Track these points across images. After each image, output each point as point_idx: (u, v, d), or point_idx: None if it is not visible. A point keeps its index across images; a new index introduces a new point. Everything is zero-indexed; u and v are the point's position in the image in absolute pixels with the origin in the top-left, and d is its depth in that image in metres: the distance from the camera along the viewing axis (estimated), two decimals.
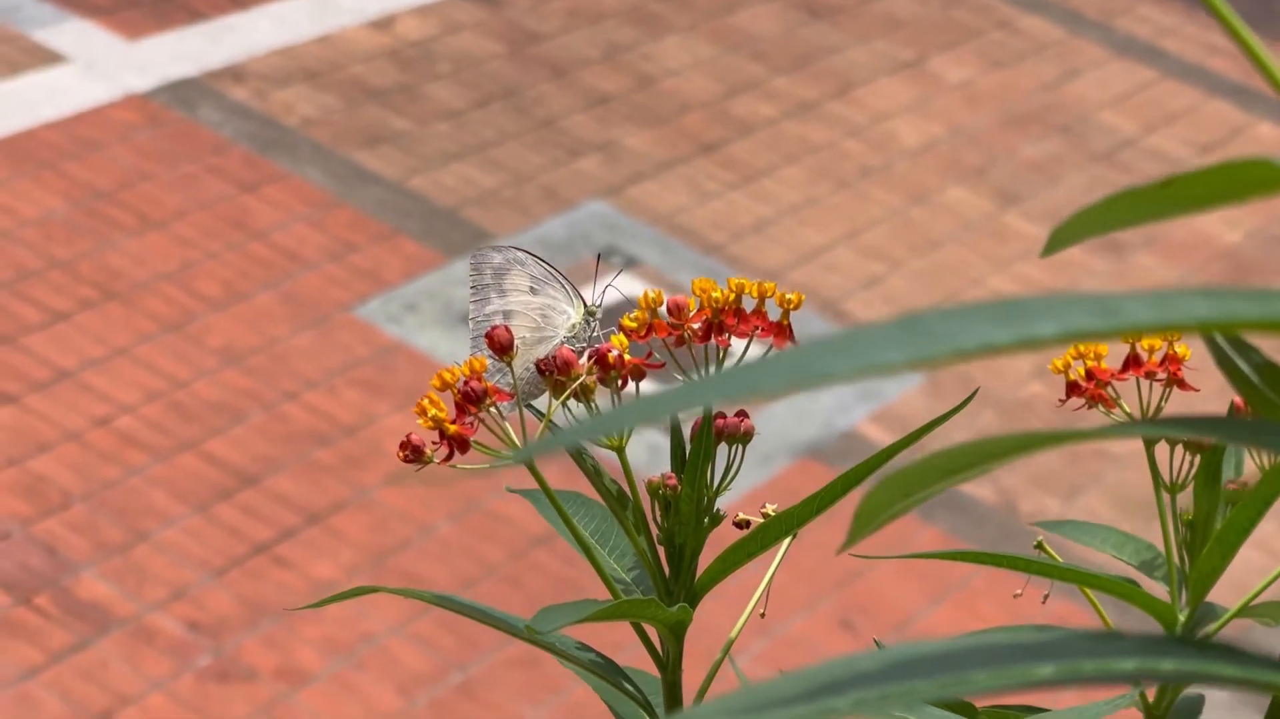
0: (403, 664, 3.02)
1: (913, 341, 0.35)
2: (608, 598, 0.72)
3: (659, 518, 0.74)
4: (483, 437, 0.73)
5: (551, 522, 0.74)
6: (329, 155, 4.12)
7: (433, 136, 4.27)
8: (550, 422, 0.72)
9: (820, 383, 0.35)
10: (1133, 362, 0.85)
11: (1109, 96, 5.03)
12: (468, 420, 0.71)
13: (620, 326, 0.75)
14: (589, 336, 0.82)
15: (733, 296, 0.74)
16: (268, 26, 4.50)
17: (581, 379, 0.72)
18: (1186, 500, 0.83)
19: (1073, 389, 0.86)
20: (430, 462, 0.72)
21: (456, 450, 0.71)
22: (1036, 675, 0.41)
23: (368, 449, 3.39)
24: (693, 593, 0.73)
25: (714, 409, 0.73)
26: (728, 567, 0.73)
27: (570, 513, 0.74)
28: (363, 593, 0.73)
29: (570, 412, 0.73)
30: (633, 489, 0.73)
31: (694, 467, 0.73)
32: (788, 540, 0.73)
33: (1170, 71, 5.22)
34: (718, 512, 0.74)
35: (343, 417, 3.46)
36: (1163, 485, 0.83)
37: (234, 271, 3.76)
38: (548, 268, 0.84)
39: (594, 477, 0.72)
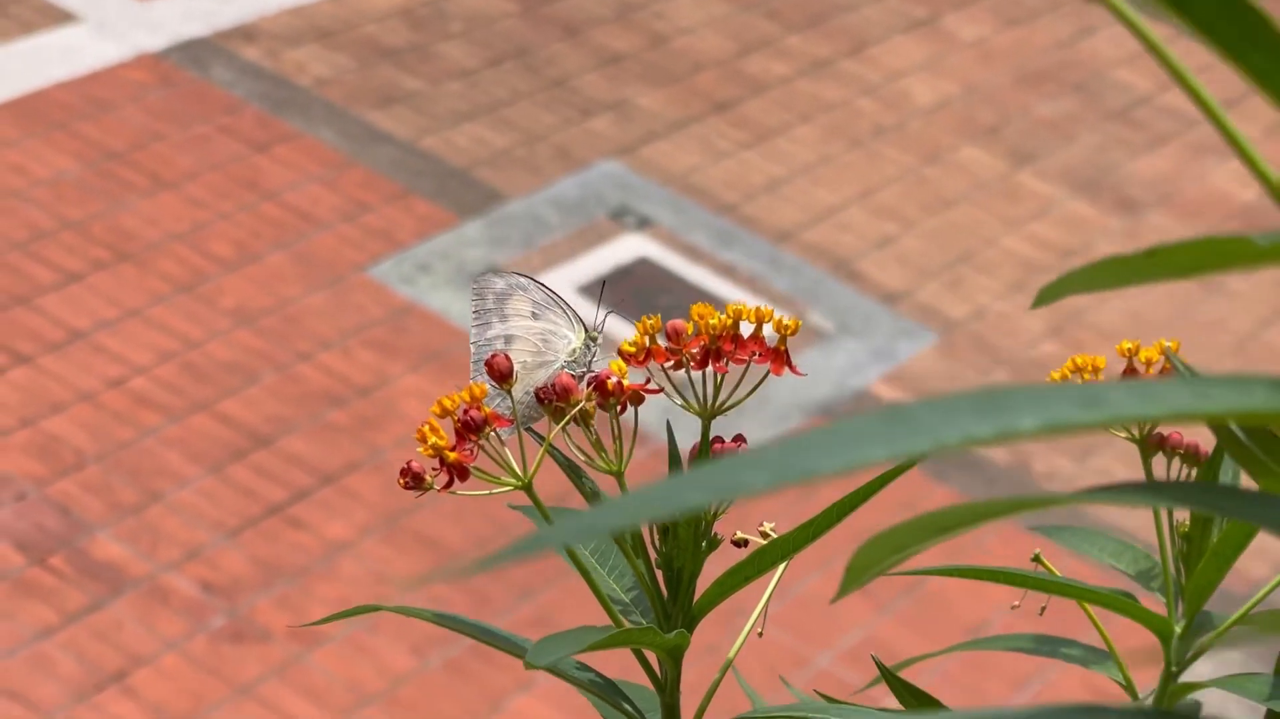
0: (416, 625, 3.04)
1: (896, 436, 0.35)
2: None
3: (657, 542, 0.75)
4: (483, 459, 0.73)
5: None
6: (341, 115, 4.12)
7: (445, 96, 4.27)
8: (550, 447, 0.73)
9: (806, 481, 0.35)
10: (1129, 374, 0.86)
11: (1124, 54, 5.02)
12: (467, 448, 0.72)
13: (619, 352, 0.76)
14: (589, 361, 0.83)
15: (730, 322, 0.74)
16: None
17: (581, 405, 0.72)
18: (1183, 512, 0.83)
19: None
20: (431, 488, 0.73)
21: (456, 478, 0.72)
22: None
23: (381, 410, 3.40)
24: (690, 616, 0.74)
25: (711, 434, 0.73)
26: (725, 590, 0.73)
27: None
28: (363, 612, 0.74)
29: (569, 437, 0.73)
30: None
31: None
32: (783, 566, 0.74)
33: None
34: (715, 536, 0.75)
35: (356, 377, 3.47)
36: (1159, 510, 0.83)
37: (246, 232, 3.76)
38: (550, 293, 0.84)
39: (593, 501, 0.73)
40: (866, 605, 3.29)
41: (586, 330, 0.83)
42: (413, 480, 0.72)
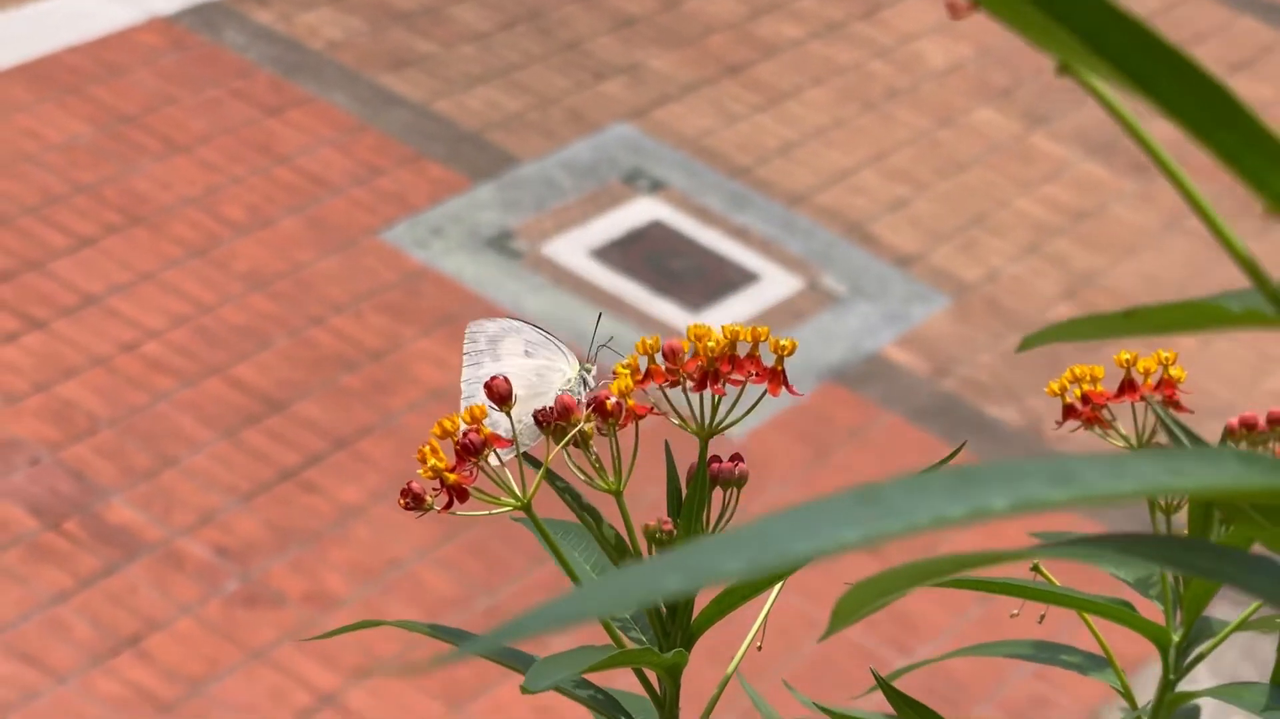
0: (430, 589, 3.05)
1: (868, 518, 0.36)
2: None
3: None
4: (482, 479, 0.74)
5: (553, 555, 0.75)
6: (354, 78, 4.12)
7: (458, 59, 4.27)
8: (549, 470, 0.73)
9: (781, 564, 0.36)
10: (1128, 385, 0.86)
11: (1138, 15, 5.00)
12: (467, 469, 0.73)
13: (616, 373, 0.76)
14: (584, 394, 0.83)
15: (726, 343, 0.75)
16: None
17: (580, 426, 0.73)
18: (1182, 519, 0.84)
19: (1069, 412, 0.87)
20: (431, 509, 0.74)
21: (456, 499, 0.73)
22: None
23: (394, 374, 3.41)
24: (689, 634, 0.75)
25: (708, 455, 0.74)
26: (723, 609, 0.74)
27: (570, 544, 0.75)
28: (363, 627, 0.75)
29: (569, 457, 0.74)
30: (630, 534, 0.74)
31: (690, 512, 0.74)
32: (779, 585, 0.75)
33: None
34: None
35: (369, 341, 3.48)
36: (1157, 507, 0.84)
37: (259, 196, 3.77)
38: (544, 334, 0.85)
39: (591, 524, 0.73)
40: (877, 565, 3.29)
41: (581, 364, 0.84)
42: (413, 501, 0.73)
